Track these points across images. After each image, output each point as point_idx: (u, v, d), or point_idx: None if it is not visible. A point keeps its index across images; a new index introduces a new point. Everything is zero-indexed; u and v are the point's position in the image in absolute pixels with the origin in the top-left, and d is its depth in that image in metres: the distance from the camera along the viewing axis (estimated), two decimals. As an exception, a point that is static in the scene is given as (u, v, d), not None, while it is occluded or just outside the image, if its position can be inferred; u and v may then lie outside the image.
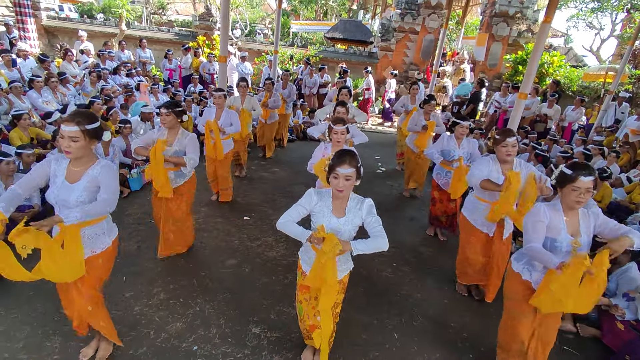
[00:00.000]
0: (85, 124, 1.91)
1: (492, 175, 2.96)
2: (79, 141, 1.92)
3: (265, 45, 13.55)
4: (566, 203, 2.17)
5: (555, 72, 10.71)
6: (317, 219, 2.11)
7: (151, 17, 23.52)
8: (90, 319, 2.24)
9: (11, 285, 2.92)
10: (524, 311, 2.35)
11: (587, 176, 2.03)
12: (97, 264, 2.18)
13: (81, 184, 2.02)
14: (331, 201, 2.11)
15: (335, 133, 3.12)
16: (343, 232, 2.08)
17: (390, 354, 2.76)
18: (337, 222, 2.08)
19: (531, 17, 12.15)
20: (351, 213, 2.10)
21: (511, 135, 2.86)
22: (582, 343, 3.09)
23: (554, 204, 2.24)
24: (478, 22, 17.91)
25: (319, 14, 26.63)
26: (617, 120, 8.12)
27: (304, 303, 2.34)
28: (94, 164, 2.06)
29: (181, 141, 3.28)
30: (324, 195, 2.13)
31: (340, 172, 1.94)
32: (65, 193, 2.00)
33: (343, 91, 5.05)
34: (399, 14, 12.42)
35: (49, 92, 6.10)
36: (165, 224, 3.45)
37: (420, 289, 3.55)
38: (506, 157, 2.91)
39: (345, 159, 1.94)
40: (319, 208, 2.11)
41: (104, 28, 13.09)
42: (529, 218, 2.26)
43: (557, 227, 2.18)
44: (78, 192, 2.00)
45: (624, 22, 18.61)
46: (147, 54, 10.11)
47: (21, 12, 8.15)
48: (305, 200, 2.14)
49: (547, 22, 3.99)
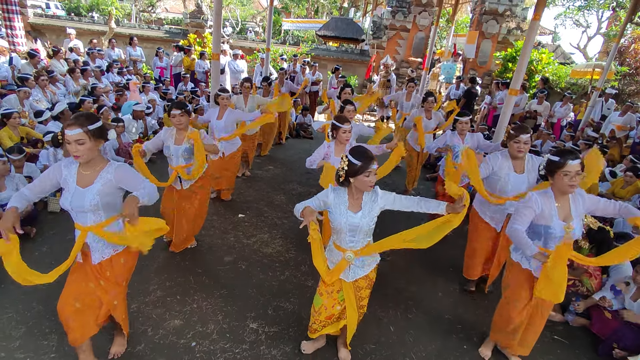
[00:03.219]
0: (88, 125, 1.90)
1: (502, 172, 2.96)
2: (85, 143, 1.90)
3: (257, 43, 13.52)
4: (558, 189, 2.23)
5: (544, 69, 10.88)
6: (335, 215, 2.15)
7: (140, 15, 23.25)
8: (115, 312, 2.27)
9: (5, 285, 2.91)
10: (520, 297, 2.43)
11: (574, 160, 2.12)
12: (119, 262, 2.19)
13: (94, 187, 1.99)
14: (347, 197, 2.15)
15: (344, 132, 3.15)
16: (362, 225, 2.12)
17: (387, 346, 2.81)
18: (354, 216, 2.12)
19: (520, 14, 12.32)
20: (367, 206, 2.14)
21: (525, 131, 2.84)
22: (572, 332, 3.18)
23: (545, 192, 2.30)
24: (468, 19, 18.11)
25: (310, 11, 26.61)
26: (603, 117, 8.30)
27: (325, 295, 2.34)
28: (106, 166, 2.04)
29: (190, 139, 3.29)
30: (340, 192, 2.17)
31: (374, 168, 2.01)
32: (79, 198, 1.98)
33: (346, 90, 5.03)
34: (390, 12, 12.50)
35: (39, 91, 6.02)
36: (179, 225, 3.48)
37: (415, 282, 3.61)
38: (517, 154, 2.91)
39: (372, 157, 2.03)
40: (335, 204, 2.15)
41: (92, 26, 12.93)
42: (521, 203, 2.35)
43: (549, 214, 2.24)
44: (91, 196, 1.98)
45: (609, 20, 18.96)
46: (137, 52, 10.01)
47: (8, 9, 7.98)
48: (323, 193, 2.19)
49: (536, 20, 4.06)
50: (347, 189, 2.15)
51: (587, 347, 3.05)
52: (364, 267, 2.29)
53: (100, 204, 2.00)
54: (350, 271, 2.27)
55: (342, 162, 2.07)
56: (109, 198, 2.03)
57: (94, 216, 2.03)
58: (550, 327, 3.21)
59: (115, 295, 2.22)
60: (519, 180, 2.94)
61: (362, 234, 2.17)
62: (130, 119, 6.05)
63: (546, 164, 2.26)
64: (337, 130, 3.19)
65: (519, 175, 2.94)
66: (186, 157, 3.30)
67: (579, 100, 10.21)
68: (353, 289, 2.31)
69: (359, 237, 2.18)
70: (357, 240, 2.19)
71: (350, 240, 2.19)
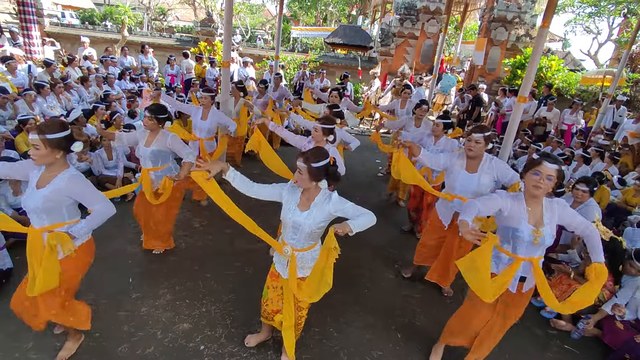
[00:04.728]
0: (47, 133, 1.96)
1: (454, 168, 3.02)
2: (40, 149, 1.96)
3: (266, 50, 13.68)
4: (527, 190, 2.16)
5: (554, 76, 10.82)
6: (284, 210, 2.21)
7: (152, 23, 23.71)
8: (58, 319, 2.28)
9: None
10: (485, 303, 2.32)
11: (552, 163, 2.04)
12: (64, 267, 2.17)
13: (43, 191, 2.04)
14: (299, 195, 2.20)
15: (316, 130, 3.21)
16: (304, 225, 2.14)
17: (394, 353, 2.80)
18: (300, 215, 2.15)
19: (529, 21, 12.28)
20: (316, 207, 2.14)
21: (480, 131, 2.83)
22: (583, 343, 3.14)
23: (516, 195, 2.26)
24: (477, 27, 18.10)
25: (319, 19, 26.85)
26: (615, 124, 8.21)
27: (271, 289, 2.47)
28: (61, 173, 2.08)
29: (161, 142, 3.29)
30: (296, 191, 2.22)
31: (300, 165, 2.06)
32: (30, 198, 2.04)
33: (333, 93, 5.08)
34: (398, 19, 12.57)
35: (53, 98, 6.18)
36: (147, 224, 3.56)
37: (421, 291, 3.59)
38: (467, 151, 2.90)
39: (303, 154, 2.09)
40: (287, 199, 2.21)
41: (105, 34, 13.23)
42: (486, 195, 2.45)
43: (518, 217, 2.18)
44: (37, 198, 2.02)
45: (621, 26, 18.80)
46: (149, 60, 10.22)
47: (26, 18, 8.24)
48: (280, 185, 2.27)
49: (545, 27, 4.06)
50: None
51: (598, 357, 3.01)
52: (304, 268, 2.27)
53: (42, 207, 2.03)
54: (286, 269, 2.29)
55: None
56: (51, 204, 2.06)
57: (37, 218, 2.07)
58: (561, 337, 3.18)
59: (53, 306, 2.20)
60: (468, 179, 2.94)
61: (304, 234, 2.18)
62: (141, 125, 6.15)
63: (526, 162, 2.23)
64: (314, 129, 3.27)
65: (470, 174, 2.94)
66: (153, 160, 3.34)
67: (590, 108, 10.11)
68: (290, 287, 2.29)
69: (300, 237, 2.20)
70: (298, 239, 2.21)
71: (292, 237, 2.22)
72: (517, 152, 6.85)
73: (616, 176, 5.44)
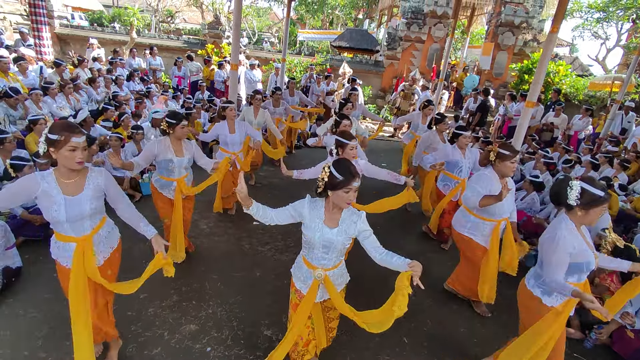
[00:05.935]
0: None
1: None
2: (85, 150, 1.96)
3: (273, 53, 13.74)
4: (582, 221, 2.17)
5: (561, 82, 10.76)
6: (309, 229, 2.03)
7: (160, 25, 23.92)
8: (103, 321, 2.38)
9: (29, 289, 3.00)
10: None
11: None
12: (115, 258, 2.32)
13: (87, 194, 2.02)
14: (323, 211, 2.04)
15: (351, 149, 2.99)
16: (336, 243, 2.02)
17: (402, 357, 2.79)
18: (330, 232, 2.01)
19: (537, 26, 12.24)
20: (345, 223, 2.02)
21: (514, 153, 2.90)
22: (592, 351, 3.09)
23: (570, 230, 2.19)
24: (484, 31, 18.07)
25: (325, 22, 26.94)
26: (623, 130, 8.13)
27: (296, 325, 2.17)
28: (90, 171, 2.07)
29: (189, 149, 3.37)
30: (317, 205, 2.06)
31: (355, 186, 1.89)
32: (76, 207, 1.99)
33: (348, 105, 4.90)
34: (405, 23, 12.57)
35: (62, 98, 6.23)
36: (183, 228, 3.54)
37: (430, 296, 3.58)
38: (509, 172, 2.94)
39: (355, 174, 1.90)
40: (310, 217, 2.04)
41: (114, 36, 13.36)
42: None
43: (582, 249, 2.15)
44: (88, 202, 2.02)
45: (629, 32, 18.67)
46: (157, 62, 10.30)
47: (36, 20, 8.34)
48: (298, 203, 2.09)
49: (554, 32, 4.05)
50: (325, 203, 2.04)
51: (608, 366, 2.97)
52: (335, 285, 2.15)
53: (91, 209, 2.05)
54: (319, 291, 2.15)
55: (324, 172, 1.94)
56: (97, 202, 2.09)
57: (91, 221, 2.09)
58: (570, 345, 3.13)
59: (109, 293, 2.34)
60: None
61: (335, 252, 2.06)
62: (149, 127, 6.20)
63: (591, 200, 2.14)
64: (343, 147, 3.02)
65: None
66: (186, 167, 3.40)
67: (598, 113, 10.04)
68: (321, 309, 2.25)
69: (332, 255, 2.07)
70: (329, 258, 2.08)
71: (322, 257, 2.08)
72: (524, 158, 6.80)
73: (618, 182, 5.38)
